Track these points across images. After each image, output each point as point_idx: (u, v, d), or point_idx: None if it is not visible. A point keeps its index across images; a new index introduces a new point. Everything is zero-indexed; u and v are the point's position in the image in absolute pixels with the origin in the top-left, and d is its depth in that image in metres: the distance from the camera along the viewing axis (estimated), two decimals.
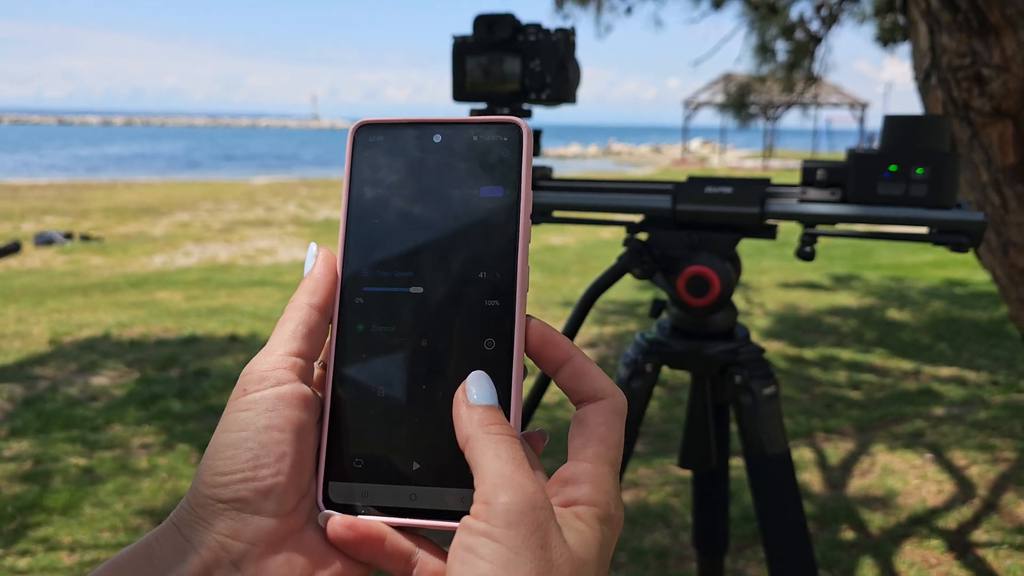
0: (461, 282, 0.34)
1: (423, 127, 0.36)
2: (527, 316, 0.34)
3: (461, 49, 1.00)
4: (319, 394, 0.35)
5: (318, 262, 0.35)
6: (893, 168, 0.87)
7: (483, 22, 0.98)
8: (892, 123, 0.89)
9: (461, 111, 1.05)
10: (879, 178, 0.87)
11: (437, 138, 0.36)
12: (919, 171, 0.86)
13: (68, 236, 7.88)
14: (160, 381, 3.34)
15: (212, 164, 24.32)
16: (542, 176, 1.06)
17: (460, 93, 1.01)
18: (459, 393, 0.33)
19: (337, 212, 10.81)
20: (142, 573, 0.30)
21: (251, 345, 3.98)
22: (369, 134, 0.36)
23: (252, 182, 16.48)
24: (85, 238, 7.90)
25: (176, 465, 2.53)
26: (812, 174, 0.93)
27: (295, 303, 0.35)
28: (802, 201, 0.94)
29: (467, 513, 0.30)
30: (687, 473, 2.43)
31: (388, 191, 0.36)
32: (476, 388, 0.32)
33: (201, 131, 59.20)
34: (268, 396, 0.32)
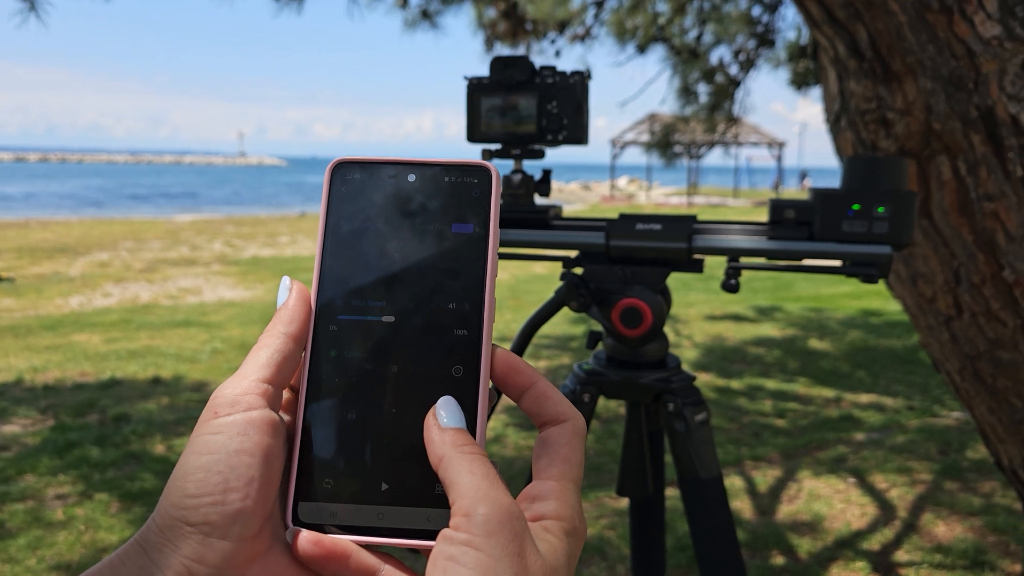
0: (431, 312, 0.36)
1: (398, 167, 0.38)
2: (492, 345, 0.36)
3: (476, 90, 0.99)
4: (286, 419, 0.36)
5: (292, 294, 0.36)
6: (856, 207, 0.91)
7: (499, 64, 0.98)
8: (854, 163, 0.93)
9: (474, 152, 1.05)
10: (844, 216, 0.92)
11: (411, 177, 0.38)
12: (880, 209, 0.91)
13: None
14: (77, 428, 3.18)
15: (133, 202, 23.53)
16: (555, 215, 1.06)
17: (475, 134, 1.01)
18: (430, 417, 0.34)
19: (265, 250, 10.65)
20: None
21: (175, 388, 3.83)
22: (346, 171, 0.38)
23: (176, 220, 16.01)
24: None
25: (94, 516, 2.40)
26: (780, 212, 0.97)
27: (271, 331, 0.35)
28: (725, 236, 0.98)
29: (434, 532, 0.32)
30: (622, 505, 2.46)
31: (363, 225, 0.37)
32: (446, 412, 0.34)
33: (122, 168, 57.30)
34: (239, 420, 0.33)
